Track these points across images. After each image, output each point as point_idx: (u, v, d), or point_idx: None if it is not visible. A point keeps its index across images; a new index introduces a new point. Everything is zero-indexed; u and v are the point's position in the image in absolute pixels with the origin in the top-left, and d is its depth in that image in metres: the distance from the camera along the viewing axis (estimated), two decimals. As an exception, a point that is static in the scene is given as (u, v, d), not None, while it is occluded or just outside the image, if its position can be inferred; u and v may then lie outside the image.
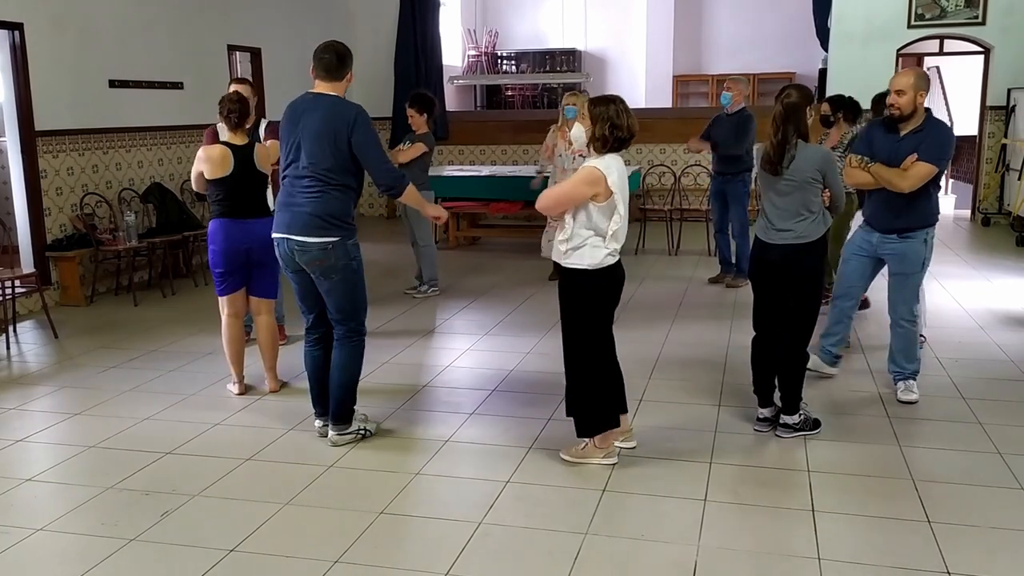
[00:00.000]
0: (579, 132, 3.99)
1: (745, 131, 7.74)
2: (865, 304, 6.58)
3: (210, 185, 5.05)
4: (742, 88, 7.83)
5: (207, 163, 5.00)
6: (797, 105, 4.24)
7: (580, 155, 6.33)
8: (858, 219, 5.36)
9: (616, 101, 3.92)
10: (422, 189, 7.63)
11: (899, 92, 4.65)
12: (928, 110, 4.77)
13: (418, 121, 7.56)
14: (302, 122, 4.17)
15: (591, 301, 4.01)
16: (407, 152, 7.48)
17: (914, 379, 5.01)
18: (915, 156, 4.62)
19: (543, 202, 3.98)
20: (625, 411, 4.27)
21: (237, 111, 5.05)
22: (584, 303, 4.01)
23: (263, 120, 6.22)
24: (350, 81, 4.27)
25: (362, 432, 4.44)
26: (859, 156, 4.83)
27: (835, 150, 6.20)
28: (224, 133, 5.43)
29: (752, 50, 16.02)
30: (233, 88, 5.72)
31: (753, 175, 7.28)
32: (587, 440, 4.19)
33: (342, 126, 4.10)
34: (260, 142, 5.84)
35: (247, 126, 5.20)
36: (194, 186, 5.18)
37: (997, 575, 3.21)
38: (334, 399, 4.39)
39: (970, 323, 6.56)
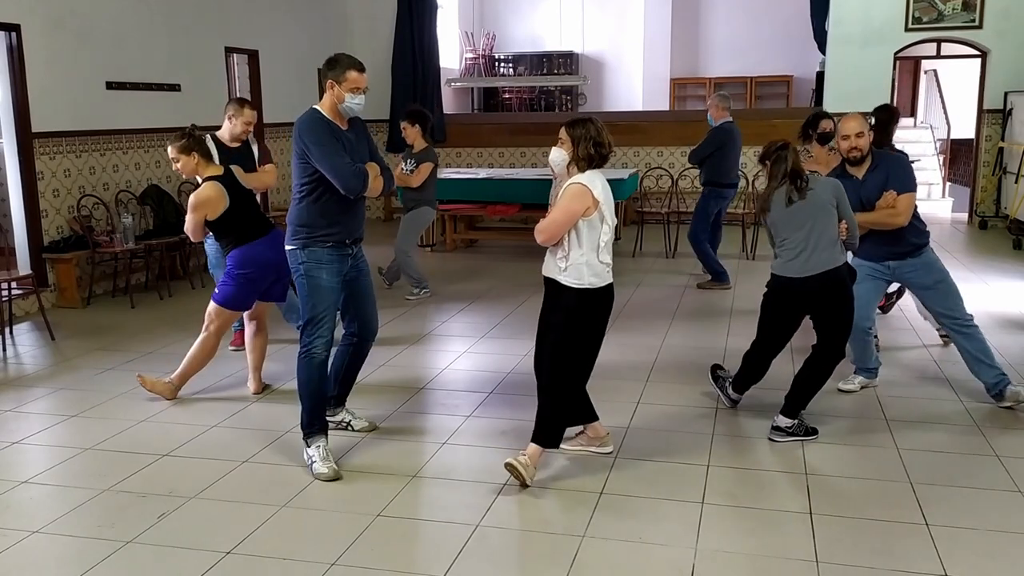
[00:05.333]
0: (558, 156, 3.98)
1: (704, 141, 8.08)
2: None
3: (214, 225, 4.95)
4: (717, 103, 8.07)
5: (207, 206, 4.89)
6: (784, 154, 4.35)
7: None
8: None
9: (592, 120, 3.96)
10: (428, 205, 7.69)
11: (859, 135, 4.72)
12: (872, 145, 4.84)
13: (412, 133, 7.57)
14: None
15: (579, 319, 3.98)
16: (418, 175, 7.50)
17: (1012, 385, 4.83)
18: (894, 193, 4.69)
19: (542, 236, 3.94)
20: (595, 419, 4.27)
21: (204, 144, 5.06)
22: (572, 320, 3.98)
23: (253, 141, 6.19)
24: (333, 89, 4.10)
25: (310, 461, 4.16)
26: None
27: None
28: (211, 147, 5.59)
29: (749, 53, 16.05)
30: (248, 111, 5.84)
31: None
32: (581, 428, 4.27)
33: (296, 137, 4.14)
34: (255, 159, 5.96)
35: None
36: (193, 237, 5.06)
37: (995, 578, 3.21)
38: None
39: (967, 326, 6.56)
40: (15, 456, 4.43)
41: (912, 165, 4.96)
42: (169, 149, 5.05)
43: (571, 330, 3.99)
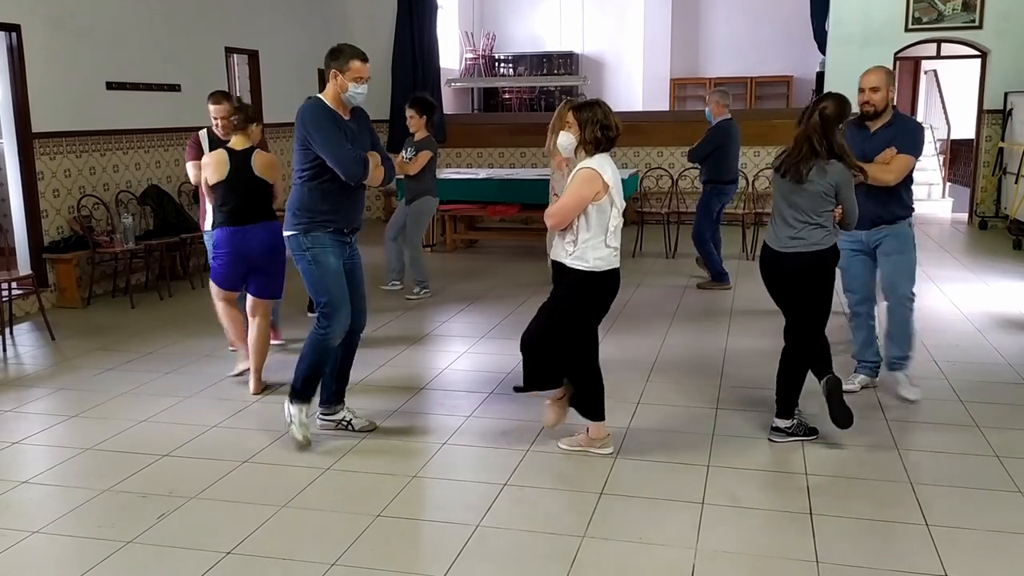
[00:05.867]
0: (566, 140, 4.02)
1: (704, 140, 8.00)
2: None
3: (212, 191, 5.17)
4: (718, 99, 8.00)
5: (208, 168, 5.12)
6: (831, 118, 4.17)
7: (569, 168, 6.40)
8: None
9: (599, 103, 4.01)
10: (429, 195, 7.69)
11: (874, 89, 4.73)
12: (894, 106, 4.85)
13: (417, 123, 7.58)
14: None
15: (582, 300, 4.06)
16: (416, 163, 7.51)
17: (905, 370, 5.01)
18: (894, 150, 4.69)
19: (552, 220, 4.02)
20: (602, 419, 4.30)
21: (243, 115, 5.15)
22: (575, 300, 4.05)
23: None
24: (337, 79, 4.17)
25: (289, 420, 4.40)
26: None
27: None
28: (204, 141, 5.77)
29: (749, 53, 16.04)
30: (213, 106, 5.73)
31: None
32: (584, 430, 4.31)
33: (298, 124, 4.21)
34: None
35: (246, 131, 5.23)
36: (209, 198, 5.36)
37: (995, 578, 3.21)
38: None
39: (967, 326, 6.57)
40: (15, 456, 4.43)
41: (923, 133, 4.99)
42: None
43: (571, 305, 4.06)
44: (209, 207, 5.72)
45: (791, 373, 4.44)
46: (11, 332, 6.62)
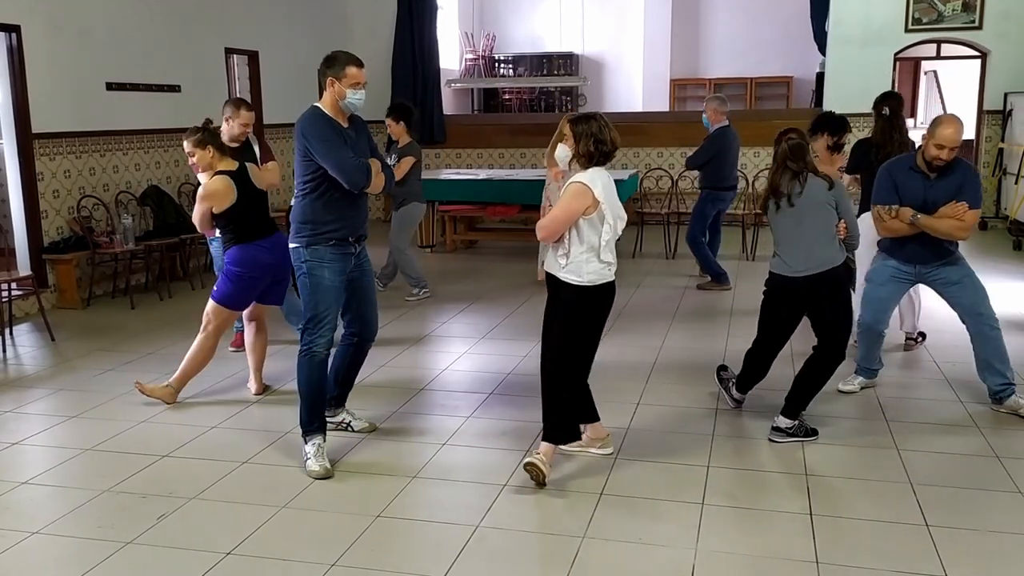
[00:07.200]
0: (562, 152, 4.01)
1: (702, 147, 8.11)
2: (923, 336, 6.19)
3: (218, 218, 4.92)
4: (715, 107, 8.02)
5: (214, 198, 4.83)
6: (798, 145, 4.30)
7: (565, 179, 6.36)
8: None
9: (597, 117, 3.97)
10: (415, 200, 7.70)
11: (953, 149, 4.54)
12: None
13: (396, 130, 7.61)
14: None
15: (578, 315, 4.00)
16: (399, 168, 7.50)
17: (1016, 394, 4.78)
18: (966, 205, 4.59)
19: (543, 233, 3.99)
20: (596, 419, 4.29)
21: (219, 138, 5.06)
22: (571, 316, 4.00)
23: (254, 140, 6.15)
24: (334, 86, 4.19)
25: (305, 458, 4.17)
26: (888, 207, 4.74)
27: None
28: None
29: (749, 54, 16.02)
30: (245, 113, 5.80)
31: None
32: (583, 429, 4.27)
33: (298, 134, 4.18)
34: (256, 159, 5.90)
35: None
36: (200, 228, 5.07)
37: (995, 578, 3.21)
38: None
39: (967, 327, 6.55)
40: (15, 457, 4.43)
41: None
42: (185, 144, 5.00)
43: (571, 326, 4.01)
44: None
45: (815, 380, 4.45)
46: (11, 333, 6.62)
